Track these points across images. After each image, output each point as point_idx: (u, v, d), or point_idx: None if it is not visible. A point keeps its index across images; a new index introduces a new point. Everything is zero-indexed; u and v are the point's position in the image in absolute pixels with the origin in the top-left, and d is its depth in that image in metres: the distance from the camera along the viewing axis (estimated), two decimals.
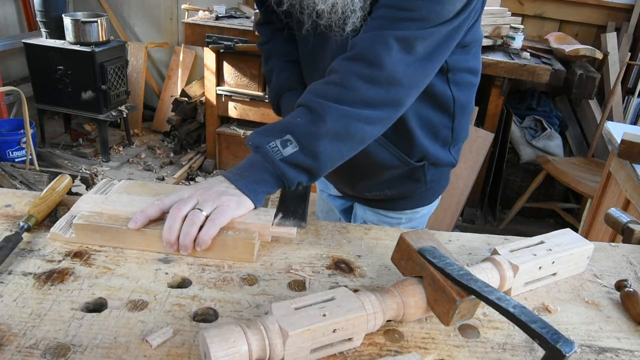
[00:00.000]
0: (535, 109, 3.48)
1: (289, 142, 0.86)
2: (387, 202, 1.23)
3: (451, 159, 1.18)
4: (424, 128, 1.08)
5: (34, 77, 3.64)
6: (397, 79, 0.88)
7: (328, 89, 0.89)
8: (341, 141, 0.88)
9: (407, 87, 0.90)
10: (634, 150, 1.70)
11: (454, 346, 0.68)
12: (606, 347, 0.70)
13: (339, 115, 0.87)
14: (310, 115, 0.87)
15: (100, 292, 0.71)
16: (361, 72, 0.88)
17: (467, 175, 3.03)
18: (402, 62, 0.87)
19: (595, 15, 3.53)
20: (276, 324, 0.60)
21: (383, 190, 1.19)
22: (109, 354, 0.61)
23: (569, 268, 0.83)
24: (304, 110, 0.89)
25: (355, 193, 1.24)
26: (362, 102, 0.88)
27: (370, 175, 1.16)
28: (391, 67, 0.87)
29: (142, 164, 3.83)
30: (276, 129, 0.87)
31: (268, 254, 0.84)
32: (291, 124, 0.87)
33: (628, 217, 1.02)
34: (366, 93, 0.88)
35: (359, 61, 0.88)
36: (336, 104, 0.87)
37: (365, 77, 0.87)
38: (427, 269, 0.68)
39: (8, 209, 0.90)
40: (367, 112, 0.88)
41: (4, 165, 2.83)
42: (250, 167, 0.87)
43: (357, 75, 0.88)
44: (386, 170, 1.13)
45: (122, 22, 4.35)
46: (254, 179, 0.86)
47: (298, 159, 0.86)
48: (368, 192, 1.21)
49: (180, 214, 0.79)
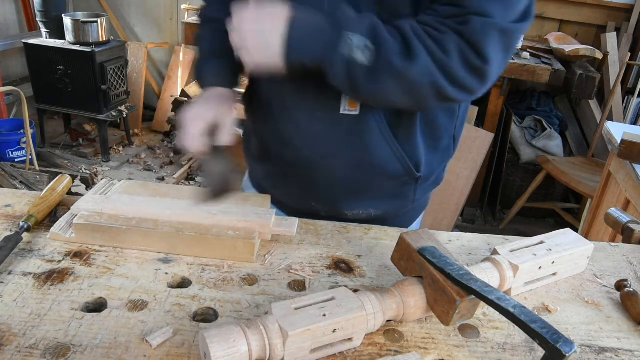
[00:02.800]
0: (535, 109, 3.48)
1: (366, 50, 0.78)
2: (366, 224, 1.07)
3: (442, 176, 1.10)
4: (428, 134, 1.00)
5: (34, 77, 3.64)
6: (491, 78, 0.83)
7: (434, 47, 0.79)
8: (402, 90, 0.81)
9: (491, 83, 0.86)
10: (634, 150, 1.70)
11: (454, 346, 0.68)
12: (606, 347, 0.70)
13: (426, 72, 0.79)
14: (403, 47, 0.78)
15: (100, 292, 0.71)
16: (468, 58, 0.79)
17: (467, 175, 3.03)
18: (501, 61, 0.82)
19: (595, 15, 3.53)
20: (276, 324, 0.60)
21: (367, 209, 1.06)
22: (109, 354, 0.61)
23: (569, 268, 0.83)
24: (401, 38, 0.79)
25: (332, 212, 1.06)
26: (453, 81, 0.81)
27: (358, 189, 1.03)
28: (493, 66, 0.81)
29: (142, 164, 3.83)
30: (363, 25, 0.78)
31: (268, 254, 0.84)
32: (382, 37, 0.78)
33: (628, 217, 1.02)
34: (461, 78, 0.81)
35: (469, 46, 0.78)
36: (433, 64, 0.79)
37: (470, 64, 0.80)
38: (427, 269, 0.68)
39: (8, 209, 0.90)
40: (448, 90, 0.82)
41: (4, 165, 2.83)
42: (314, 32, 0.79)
43: (464, 59, 0.79)
44: (379, 179, 1.01)
45: (122, 22, 4.35)
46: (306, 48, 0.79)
47: (357, 70, 0.79)
48: (349, 211, 1.06)
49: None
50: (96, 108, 3.63)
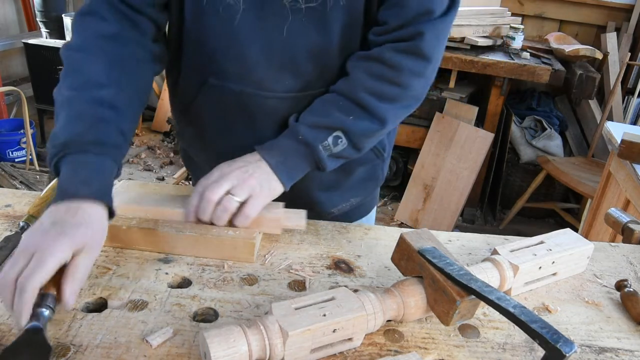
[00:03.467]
0: (535, 109, 3.48)
1: (340, 139, 0.86)
2: (345, 217, 1.08)
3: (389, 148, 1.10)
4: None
5: (34, 77, 3.64)
6: (436, 68, 0.90)
7: (385, 88, 0.85)
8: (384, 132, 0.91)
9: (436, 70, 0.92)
10: (634, 150, 1.70)
11: (454, 346, 0.68)
12: (606, 347, 0.70)
13: (396, 115, 0.89)
14: (369, 118, 0.86)
15: (100, 292, 0.71)
16: (416, 69, 0.86)
17: (467, 175, 3.03)
18: (441, 52, 0.89)
19: (595, 15, 3.53)
20: (276, 324, 0.60)
21: (349, 200, 1.08)
22: (109, 354, 0.61)
23: (569, 268, 0.83)
24: (358, 109, 0.86)
25: (315, 214, 0.98)
26: (414, 97, 0.90)
27: (338, 182, 1.03)
28: (438, 60, 0.88)
29: (142, 164, 3.83)
30: (327, 124, 0.85)
31: (268, 254, 0.84)
32: (346, 122, 0.85)
33: (628, 217, 1.02)
34: (419, 89, 0.89)
35: (414, 55, 0.84)
36: (393, 104, 0.87)
37: (419, 73, 0.86)
38: (427, 269, 0.68)
39: (8, 209, 0.90)
40: (415, 105, 0.91)
41: (4, 165, 2.83)
42: (293, 154, 0.86)
43: (413, 72, 0.85)
44: (357, 168, 1.03)
45: None
46: (294, 166, 0.86)
47: (344, 153, 0.88)
48: (334, 207, 1.07)
49: (214, 199, 0.79)
50: None
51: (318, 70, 0.89)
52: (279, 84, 0.89)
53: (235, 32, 0.85)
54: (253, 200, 0.80)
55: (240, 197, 0.79)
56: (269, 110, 0.91)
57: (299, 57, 0.87)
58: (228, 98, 0.91)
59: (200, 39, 0.88)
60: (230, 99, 0.91)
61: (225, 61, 0.88)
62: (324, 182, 1.02)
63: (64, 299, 0.61)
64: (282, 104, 0.91)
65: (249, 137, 0.92)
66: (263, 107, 0.91)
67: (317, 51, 0.87)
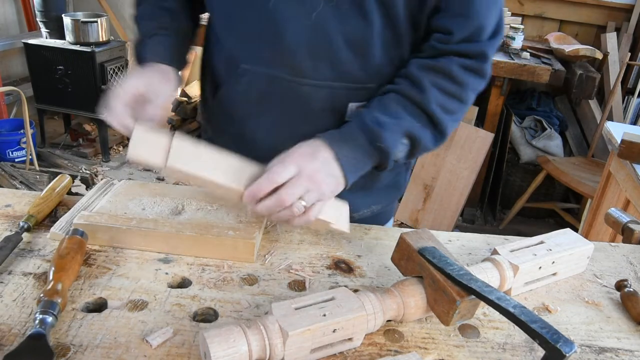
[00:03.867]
0: (535, 109, 3.48)
1: (404, 145, 0.86)
2: (363, 224, 1.05)
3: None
4: None
5: (34, 77, 3.64)
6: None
7: (450, 103, 0.88)
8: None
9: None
10: (634, 150, 1.70)
11: (454, 346, 0.68)
12: (606, 347, 0.70)
13: (452, 128, 0.91)
14: (432, 129, 0.87)
15: (100, 292, 0.71)
16: (476, 87, 0.90)
17: (467, 175, 3.03)
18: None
19: (595, 15, 3.53)
20: (276, 324, 0.60)
21: (370, 206, 1.07)
22: (109, 354, 0.61)
23: (569, 268, 0.83)
24: (425, 119, 0.86)
25: None
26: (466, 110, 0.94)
27: (364, 186, 1.02)
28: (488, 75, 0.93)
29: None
30: (400, 131, 0.85)
31: (268, 254, 0.84)
32: (415, 130, 0.85)
33: (628, 217, 1.02)
34: (471, 102, 0.93)
35: (477, 74, 0.89)
36: (453, 118, 0.89)
37: (476, 90, 0.91)
38: (427, 269, 0.68)
39: (8, 209, 0.90)
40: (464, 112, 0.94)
41: (4, 165, 2.83)
42: (366, 157, 0.84)
43: (473, 90, 0.90)
44: (383, 174, 1.03)
45: (122, 22, 4.35)
46: (362, 168, 0.84)
47: (400, 159, 0.88)
48: (355, 212, 1.04)
49: (288, 204, 0.75)
50: (96, 108, 3.62)
51: (358, 61, 0.87)
52: (314, 70, 0.87)
53: (271, 13, 0.84)
54: (318, 206, 0.78)
55: (309, 204, 0.77)
56: (303, 98, 0.89)
57: (335, 42, 0.84)
58: (260, 83, 0.90)
59: (233, 21, 0.88)
60: (262, 84, 0.90)
61: (259, 44, 0.87)
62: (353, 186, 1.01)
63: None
64: (317, 92, 0.88)
65: (280, 126, 0.91)
66: (297, 95, 0.89)
67: (355, 40, 0.85)
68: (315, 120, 0.89)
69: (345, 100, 0.90)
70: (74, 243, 0.73)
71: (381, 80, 0.90)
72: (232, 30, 0.90)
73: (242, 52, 0.90)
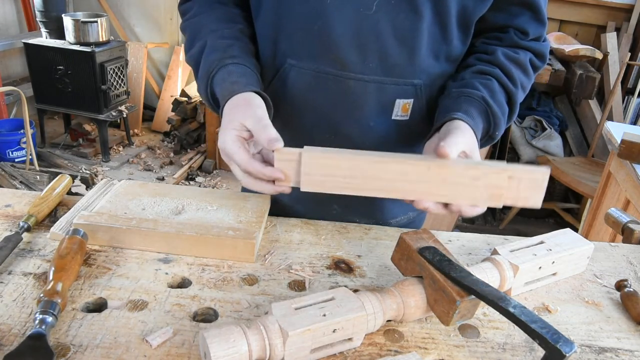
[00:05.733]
0: (535, 109, 3.48)
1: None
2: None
3: None
4: None
5: (34, 77, 3.64)
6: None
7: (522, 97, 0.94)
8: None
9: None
10: (634, 150, 1.70)
11: (454, 346, 0.68)
12: (606, 347, 0.70)
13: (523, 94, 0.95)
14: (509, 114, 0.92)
15: (100, 292, 0.71)
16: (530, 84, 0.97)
17: None
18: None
19: (595, 15, 3.53)
20: (276, 324, 0.60)
21: (407, 213, 1.07)
22: (109, 354, 0.61)
23: (569, 268, 0.83)
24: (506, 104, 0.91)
25: (373, 222, 1.01)
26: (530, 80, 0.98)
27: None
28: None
29: (142, 164, 3.84)
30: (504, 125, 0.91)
31: (268, 254, 0.84)
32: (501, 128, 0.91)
33: (628, 217, 1.02)
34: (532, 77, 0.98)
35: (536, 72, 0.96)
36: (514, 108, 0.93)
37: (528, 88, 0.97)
38: (427, 269, 0.68)
39: (8, 209, 0.90)
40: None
41: (4, 165, 2.83)
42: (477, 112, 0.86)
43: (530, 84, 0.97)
44: None
45: (122, 22, 4.35)
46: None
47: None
48: (393, 218, 1.05)
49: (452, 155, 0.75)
50: (96, 108, 3.63)
51: (405, 55, 0.85)
52: (362, 64, 0.86)
53: (325, 7, 0.83)
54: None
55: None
56: (349, 93, 0.88)
57: (385, 36, 0.83)
58: (307, 78, 0.89)
59: (282, 17, 0.87)
60: (309, 79, 0.89)
61: (307, 38, 0.86)
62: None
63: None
64: (363, 87, 0.87)
65: (325, 121, 0.90)
66: (343, 90, 0.88)
67: (404, 33, 0.84)
68: (360, 116, 0.89)
69: (392, 96, 0.89)
70: (74, 243, 0.73)
71: (427, 77, 0.89)
72: (279, 26, 0.88)
73: (289, 47, 0.88)
